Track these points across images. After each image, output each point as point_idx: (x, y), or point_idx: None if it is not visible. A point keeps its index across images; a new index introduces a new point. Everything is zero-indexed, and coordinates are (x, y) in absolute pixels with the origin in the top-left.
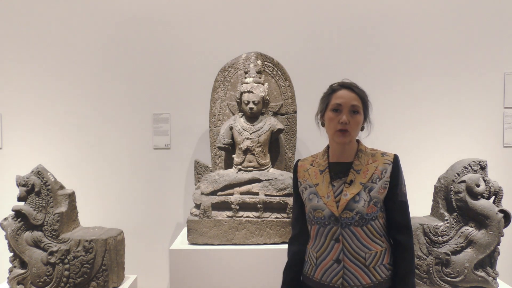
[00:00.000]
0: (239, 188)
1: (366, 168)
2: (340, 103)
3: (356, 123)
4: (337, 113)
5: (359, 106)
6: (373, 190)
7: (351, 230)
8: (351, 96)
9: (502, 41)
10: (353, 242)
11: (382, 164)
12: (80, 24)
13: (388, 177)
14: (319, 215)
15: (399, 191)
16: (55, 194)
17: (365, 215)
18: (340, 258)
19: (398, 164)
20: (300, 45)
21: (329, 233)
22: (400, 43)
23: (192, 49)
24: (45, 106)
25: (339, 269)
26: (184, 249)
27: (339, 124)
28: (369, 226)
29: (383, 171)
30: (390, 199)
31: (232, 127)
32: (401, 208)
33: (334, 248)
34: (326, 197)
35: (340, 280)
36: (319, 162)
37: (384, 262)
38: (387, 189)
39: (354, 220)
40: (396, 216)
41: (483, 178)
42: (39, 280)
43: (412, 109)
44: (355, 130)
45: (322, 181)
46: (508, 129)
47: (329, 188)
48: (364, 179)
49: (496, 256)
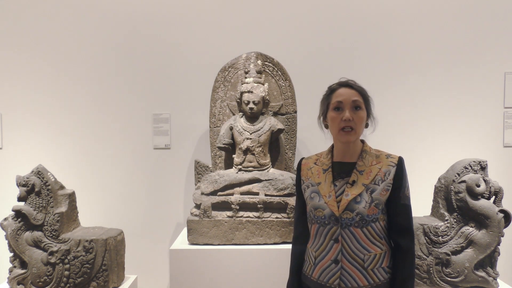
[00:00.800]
0: (239, 188)
1: (370, 169)
2: (341, 101)
3: (359, 119)
4: (339, 112)
5: (360, 101)
6: (375, 191)
7: (350, 231)
8: (351, 93)
9: (502, 41)
10: (352, 243)
11: (386, 166)
12: (80, 24)
13: (391, 180)
14: (320, 214)
15: (402, 194)
16: (55, 194)
17: (365, 216)
18: (338, 258)
19: (403, 167)
20: (300, 45)
21: (329, 233)
22: (400, 43)
23: (192, 49)
24: (45, 106)
25: (336, 269)
26: (184, 249)
27: (343, 121)
28: (369, 228)
29: (386, 173)
30: (392, 201)
31: (232, 127)
32: (403, 212)
33: (333, 248)
34: (328, 196)
35: (337, 280)
36: (322, 161)
37: (383, 265)
38: (389, 191)
39: (354, 221)
40: (398, 219)
41: (483, 178)
42: (39, 280)
43: (412, 109)
44: (360, 127)
45: (324, 180)
46: (508, 129)
47: (331, 188)
48: (367, 180)
49: (496, 256)
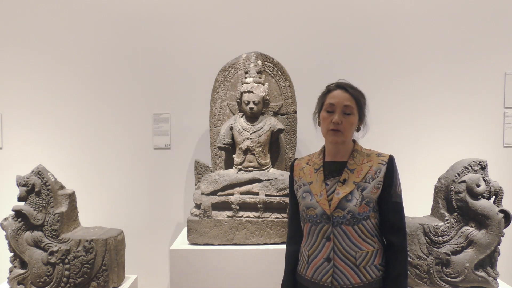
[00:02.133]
0: (239, 188)
1: (360, 167)
2: (333, 103)
3: (348, 124)
4: (330, 114)
5: (352, 107)
6: (366, 189)
7: (342, 229)
8: (344, 97)
9: (502, 41)
10: (344, 241)
11: (377, 164)
12: (80, 24)
13: (382, 178)
14: (312, 213)
15: (393, 192)
16: (55, 194)
17: (356, 214)
18: (331, 256)
19: (393, 164)
20: (300, 45)
21: (321, 231)
22: (400, 43)
23: (192, 49)
24: (45, 106)
25: (329, 267)
26: (184, 249)
27: (332, 124)
28: (360, 226)
29: (377, 171)
30: (383, 199)
31: (232, 127)
32: (394, 209)
33: (325, 247)
34: (319, 195)
35: (329, 278)
36: (314, 161)
37: (376, 263)
38: (380, 189)
39: (346, 219)
40: (390, 217)
41: (483, 178)
42: (39, 280)
43: (412, 109)
44: (348, 131)
45: (316, 180)
46: (508, 129)
47: (322, 187)
48: (358, 178)
49: (496, 256)
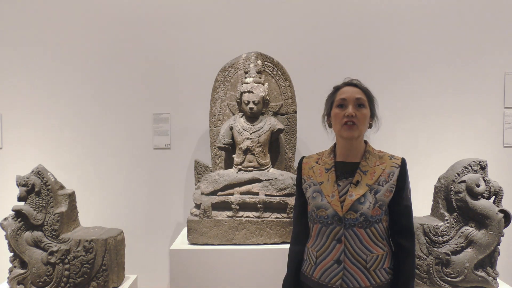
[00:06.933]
0: (239, 188)
1: (373, 169)
2: (344, 98)
3: (362, 117)
4: (342, 109)
5: (364, 99)
6: (379, 192)
7: (354, 231)
8: (355, 90)
9: (502, 41)
10: (355, 244)
11: (390, 167)
12: (80, 24)
13: (395, 181)
14: (323, 214)
15: (405, 195)
16: (55, 194)
17: (369, 217)
18: (341, 259)
19: (405, 168)
20: (300, 45)
21: (332, 233)
22: (400, 43)
23: (192, 49)
24: (45, 106)
25: (339, 270)
26: (184, 249)
27: (345, 117)
28: (372, 229)
29: (390, 174)
30: (395, 203)
31: (232, 127)
32: (406, 213)
33: (335, 249)
34: (331, 196)
35: (339, 281)
36: (325, 161)
37: (385, 266)
38: (393, 192)
39: (358, 222)
40: (401, 220)
41: (483, 178)
42: (39, 280)
43: (412, 109)
44: (363, 124)
45: (327, 180)
46: (508, 129)
47: (334, 187)
48: (371, 180)
49: (496, 256)
